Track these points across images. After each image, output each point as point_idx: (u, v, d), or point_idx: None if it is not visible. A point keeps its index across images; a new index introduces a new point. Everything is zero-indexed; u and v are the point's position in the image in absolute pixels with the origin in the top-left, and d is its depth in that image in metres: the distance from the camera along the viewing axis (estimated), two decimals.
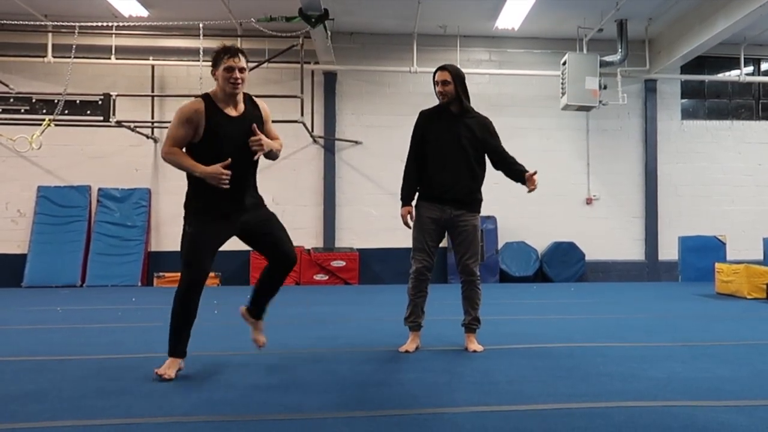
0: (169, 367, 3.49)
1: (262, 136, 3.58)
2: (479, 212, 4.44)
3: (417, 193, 4.44)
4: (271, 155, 3.74)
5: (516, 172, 4.49)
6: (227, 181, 3.40)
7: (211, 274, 11.00)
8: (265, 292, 3.85)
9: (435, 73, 4.40)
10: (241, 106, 3.62)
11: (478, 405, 2.93)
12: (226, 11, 9.95)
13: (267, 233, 3.71)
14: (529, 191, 4.48)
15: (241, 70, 3.52)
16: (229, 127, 3.52)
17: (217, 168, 3.40)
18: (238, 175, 3.52)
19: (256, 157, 3.60)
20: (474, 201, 4.39)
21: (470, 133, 4.34)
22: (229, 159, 3.43)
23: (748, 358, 4.07)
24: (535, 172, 4.44)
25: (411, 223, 4.39)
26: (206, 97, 3.57)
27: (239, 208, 3.61)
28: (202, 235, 3.51)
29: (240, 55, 3.55)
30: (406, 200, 4.39)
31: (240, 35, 10.57)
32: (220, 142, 3.49)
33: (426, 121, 4.43)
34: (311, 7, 9.06)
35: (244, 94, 3.67)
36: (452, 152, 4.30)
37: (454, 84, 4.32)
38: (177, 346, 3.55)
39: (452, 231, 4.37)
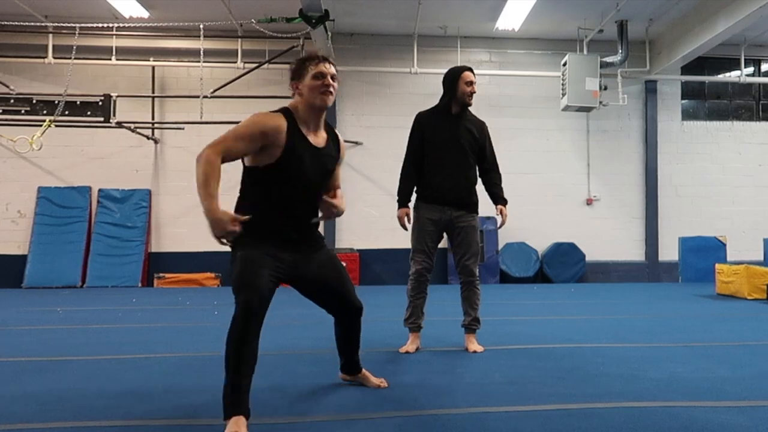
0: None
1: (338, 203, 3.03)
2: (478, 213, 4.44)
3: (415, 195, 4.44)
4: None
5: (494, 194, 4.51)
6: (226, 242, 2.68)
7: (211, 274, 11.11)
8: (347, 348, 3.33)
9: (462, 73, 4.35)
10: (323, 135, 2.99)
11: (478, 406, 2.94)
12: (226, 12, 9.96)
13: (327, 281, 3.05)
14: (500, 226, 4.46)
15: (333, 77, 2.90)
16: (308, 157, 2.88)
17: (229, 217, 2.61)
18: (302, 214, 2.94)
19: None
20: (473, 202, 4.40)
21: (470, 135, 4.35)
22: (251, 213, 2.76)
23: (748, 359, 4.07)
24: (504, 207, 4.47)
25: (408, 225, 4.39)
26: (287, 113, 2.89)
27: (302, 244, 2.94)
28: (257, 254, 2.75)
29: (330, 61, 2.95)
30: (403, 202, 4.39)
31: (240, 36, 10.59)
32: (297, 172, 2.84)
33: (425, 122, 4.42)
34: (312, 8, 9.06)
35: (325, 121, 3.06)
36: (452, 153, 4.31)
37: None
38: (238, 403, 2.57)
39: (451, 232, 4.37)
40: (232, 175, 3.35)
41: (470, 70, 4.40)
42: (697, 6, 10.48)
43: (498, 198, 4.48)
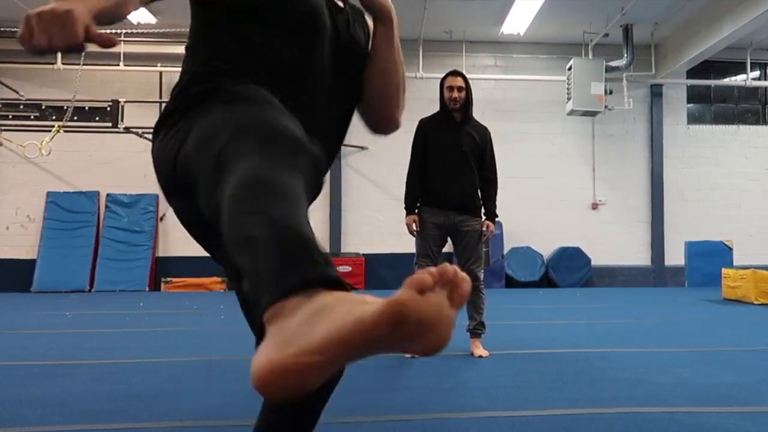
0: None
1: None
2: (482, 217, 4.46)
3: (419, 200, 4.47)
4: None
5: (486, 207, 4.50)
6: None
7: (218, 279, 11.13)
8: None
9: (446, 78, 4.41)
10: None
11: (484, 410, 2.94)
12: None
13: None
14: (484, 239, 4.46)
15: None
16: None
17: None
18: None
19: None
20: (476, 206, 4.42)
21: (472, 140, 4.38)
22: None
23: (755, 364, 4.06)
24: (492, 222, 4.48)
25: (416, 232, 4.41)
26: None
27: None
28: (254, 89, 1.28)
29: None
30: (410, 209, 4.41)
31: None
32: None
33: (427, 128, 4.46)
34: None
35: None
36: (455, 158, 4.33)
37: (467, 91, 4.36)
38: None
39: (455, 236, 4.39)
40: None
41: (456, 74, 4.41)
42: (703, 9, 10.46)
43: (489, 213, 4.48)
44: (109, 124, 9.96)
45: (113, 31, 10.28)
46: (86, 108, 10.00)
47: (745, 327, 6.05)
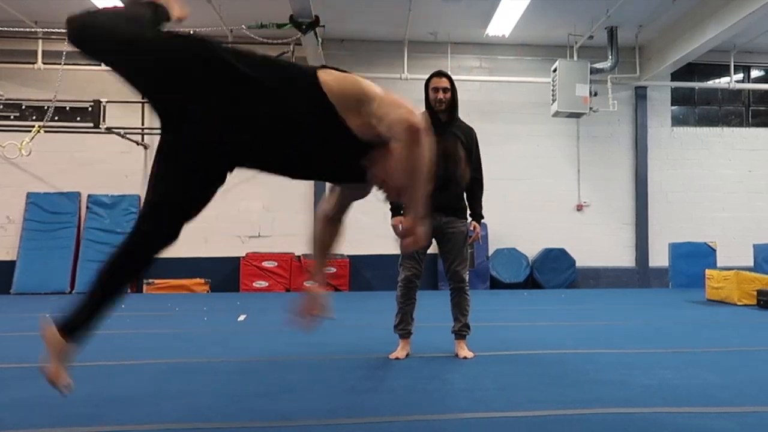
0: None
1: None
2: (467, 218, 4.44)
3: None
4: None
5: (472, 209, 4.51)
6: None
7: (200, 280, 11.05)
8: None
9: (431, 79, 4.39)
10: None
11: (468, 412, 2.93)
12: (217, 18, 9.94)
13: None
14: (471, 241, 4.45)
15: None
16: None
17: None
18: None
19: None
20: (462, 207, 4.41)
21: (457, 141, 4.35)
22: None
23: (738, 365, 4.08)
24: (478, 224, 4.49)
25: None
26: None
27: None
28: None
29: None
30: (396, 210, 4.38)
31: (231, 42, 10.56)
32: None
33: None
34: (302, 14, 9.06)
35: None
36: (440, 159, 4.30)
37: (452, 91, 4.34)
38: None
39: (441, 238, 4.37)
40: None
41: (441, 74, 4.40)
42: (687, 12, 10.54)
43: (475, 215, 4.49)
44: (91, 125, 9.85)
45: None
46: (67, 108, 9.88)
47: (728, 328, 6.09)
